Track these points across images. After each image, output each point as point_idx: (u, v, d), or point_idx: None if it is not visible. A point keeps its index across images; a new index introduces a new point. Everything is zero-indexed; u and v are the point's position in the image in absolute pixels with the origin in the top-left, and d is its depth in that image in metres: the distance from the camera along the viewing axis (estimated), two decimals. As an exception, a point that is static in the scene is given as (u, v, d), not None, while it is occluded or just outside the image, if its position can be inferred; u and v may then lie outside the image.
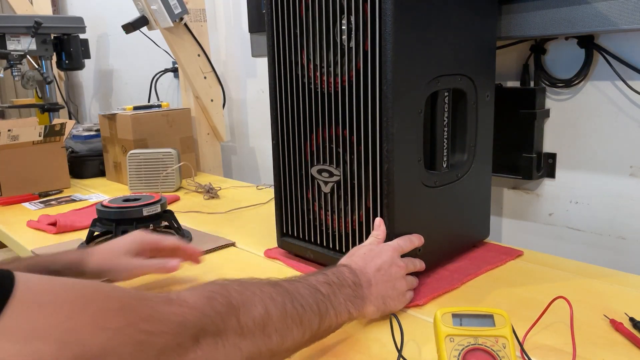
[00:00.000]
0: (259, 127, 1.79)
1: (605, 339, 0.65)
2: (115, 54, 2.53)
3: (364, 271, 0.69)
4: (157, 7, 1.52)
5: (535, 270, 0.86)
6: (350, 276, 0.67)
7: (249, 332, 0.52)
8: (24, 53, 2.03)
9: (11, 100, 2.77)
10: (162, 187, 1.47)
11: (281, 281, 0.60)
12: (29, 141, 1.47)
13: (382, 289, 0.69)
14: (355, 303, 0.65)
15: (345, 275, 0.67)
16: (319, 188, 0.86)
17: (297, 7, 0.82)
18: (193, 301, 0.49)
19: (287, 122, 0.89)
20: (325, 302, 0.61)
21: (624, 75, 0.92)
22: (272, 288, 0.57)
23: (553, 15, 0.90)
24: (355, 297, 0.66)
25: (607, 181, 0.98)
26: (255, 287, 0.56)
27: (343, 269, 0.68)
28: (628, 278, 0.82)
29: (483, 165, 0.92)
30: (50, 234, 1.14)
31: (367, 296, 0.67)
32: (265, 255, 0.97)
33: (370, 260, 0.71)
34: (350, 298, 0.65)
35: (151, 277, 0.86)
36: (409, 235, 0.78)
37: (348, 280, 0.66)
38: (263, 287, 0.57)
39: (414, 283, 0.76)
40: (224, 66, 1.86)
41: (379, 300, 0.69)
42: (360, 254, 0.72)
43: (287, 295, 0.58)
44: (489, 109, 0.91)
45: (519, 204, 1.11)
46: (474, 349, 0.54)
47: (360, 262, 0.70)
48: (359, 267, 0.69)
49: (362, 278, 0.68)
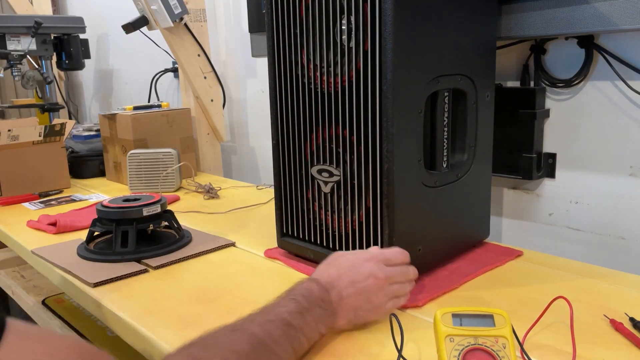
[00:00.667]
0: (259, 127, 1.79)
1: (605, 339, 0.65)
2: (115, 54, 2.53)
3: (334, 284, 0.67)
4: (157, 7, 1.52)
5: (535, 270, 0.86)
6: (319, 294, 0.66)
7: None
8: (24, 53, 2.03)
9: (11, 100, 2.77)
10: (162, 187, 1.47)
11: (253, 327, 0.59)
12: (29, 141, 1.47)
13: (354, 302, 0.67)
14: (326, 321, 0.65)
15: (315, 294, 0.65)
16: (319, 188, 0.86)
17: (297, 7, 0.82)
18: None
19: (287, 122, 0.89)
20: (298, 336, 0.61)
21: (624, 75, 0.92)
22: (246, 345, 0.56)
23: (553, 15, 0.90)
24: (325, 315, 0.65)
25: (607, 181, 0.98)
26: (226, 351, 0.55)
27: (312, 286, 0.66)
28: (628, 278, 0.82)
29: (483, 165, 0.92)
30: (50, 234, 1.14)
31: (337, 311, 0.66)
32: (265, 255, 0.97)
33: (345, 272, 0.69)
34: (320, 318, 0.64)
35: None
36: (400, 250, 0.74)
37: (317, 300, 0.65)
38: (236, 346, 0.56)
39: (400, 291, 0.71)
40: (224, 66, 1.86)
41: (350, 314, 0.68)
42: (338, 264, 0.71)
43: (262, 349, 0.57)
44: (489, 109, 0.91)
45: (519, 204, 1.11)
46: (474, 349, 0.54)
47: (333, 274, 0.69)
48: (330, 281, 0.68)
49: (331, 293, 0.67)
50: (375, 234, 0.79)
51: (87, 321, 1.19)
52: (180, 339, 0.68)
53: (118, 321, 0.77)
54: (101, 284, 0.86)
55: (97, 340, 1.10)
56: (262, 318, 0.60)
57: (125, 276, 0.89)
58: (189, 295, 0.81)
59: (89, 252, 0.98)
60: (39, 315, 1.33)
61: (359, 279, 0.68)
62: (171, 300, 0.80)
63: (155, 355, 0.69)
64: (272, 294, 0.81)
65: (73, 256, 0.98)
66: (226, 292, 0.82)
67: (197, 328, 0.71)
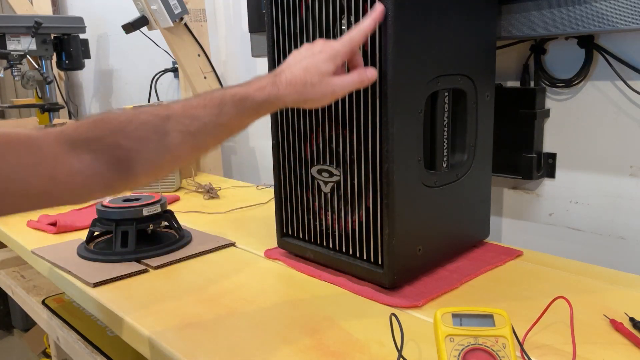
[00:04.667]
0: (259, 127, 1.79)
1: (605, 339, 0.65)
2: (115, 54, 2.53)
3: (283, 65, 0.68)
4: (157, 7, 1.52)
5: (535, 270, 0.86)
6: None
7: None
8: (24, 53, 2.03)
9: (11, 100, 2.77)
10: (162, 187, 1.47)
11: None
12: (29, 141, 1.46)
13: (297, 71, 0.66)
14: (266, 77, 0.65)
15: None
16: (319, 188, 0.86)
17: (297, 7, 0.82)
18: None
19: (287, 122, 0.89)
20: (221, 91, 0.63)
21: (624, 75, 0.92)
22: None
23: (553, 15, 0.90)
24: (263, 79, 0.65)
25: (607, 181, 0.98)
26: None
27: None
28: (628, 278, 0.82)
29: (483, 165, 0.92)
30: (50, 234, 1.14)
31: (282, 69, 0.66)
32: (265, 255, 0.97)
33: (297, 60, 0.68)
34: (260, 78, 0.65)
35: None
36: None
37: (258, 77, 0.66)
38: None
39: (339, 47, 0.68)
40: (224, 66, 1.86)
41: (298, 68, 0.66)
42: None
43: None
44: (489, 109, 0.91)
45: (519, 204, 1.11)
46: (474, 349, 0.54)
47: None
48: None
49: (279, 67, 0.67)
50: (375, 234, 0.79)
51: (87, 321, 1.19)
52: (180, 339, 0.69)
53: (118, 321, 0.77)
54: (101, 284, 0.86)
55: (97, 340, 1.10)
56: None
57: (125, 276, 0.89)
58: (189, 295, 0.81)
59: (89, 252, 0.98)
60: (39, 315, 1.33)
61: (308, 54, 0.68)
62: (171, 300, 0.80)
63: (156, 355, 0.70)
64: (272, 294, 0.81)
65: (73, 256, 0.98)
66: (226, 292, 0.82)
67: (197, 328, 0.71)
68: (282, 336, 0.68)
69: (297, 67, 0.66)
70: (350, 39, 0.68)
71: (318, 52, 0.67)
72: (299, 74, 0.65)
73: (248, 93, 0.63)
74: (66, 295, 1.37)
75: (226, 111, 0.62)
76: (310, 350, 0.64)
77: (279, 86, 0.65)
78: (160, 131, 0.60)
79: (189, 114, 0.61)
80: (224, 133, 0.64)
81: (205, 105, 0.62)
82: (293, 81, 0.65)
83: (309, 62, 0.66)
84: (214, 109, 0.62)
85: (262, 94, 0.64)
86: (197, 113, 0.61)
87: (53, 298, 1.38)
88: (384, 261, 0.78)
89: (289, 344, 0.66)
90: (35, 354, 1.95)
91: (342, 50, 0.68)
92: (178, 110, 0.61)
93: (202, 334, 0.70)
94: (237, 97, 0.63)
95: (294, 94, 0.65)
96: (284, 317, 0.73)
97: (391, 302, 0.76)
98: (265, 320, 0.73)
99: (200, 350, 0.66)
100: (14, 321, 2.28)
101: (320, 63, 0.66)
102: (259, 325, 0.71)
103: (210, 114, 0.62)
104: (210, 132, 0.62)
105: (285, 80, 0.65)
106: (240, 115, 0.64)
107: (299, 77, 0.65)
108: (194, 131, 0.61)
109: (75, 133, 0.57)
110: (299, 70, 0.66)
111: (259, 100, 0.64)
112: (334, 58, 0.67)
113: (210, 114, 0.62)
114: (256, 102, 0.64)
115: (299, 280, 0.85)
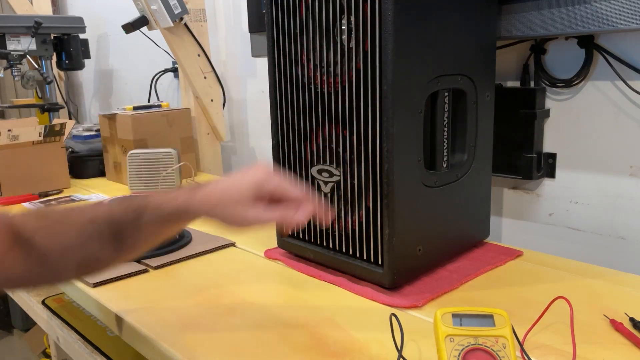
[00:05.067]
0: (259, 127, 1.79)
1: (605, 339, 0.65)
2: (115, 54, 2.52)
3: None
4: (157, 7, 1.52)
5: (535, 270, 0.86)
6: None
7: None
8: (24, 53, 2.03)
9: (11, 100, 2.77)
10: (162, 187, 1.47)
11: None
12: (29, 141, 1.46)
13: (215, 191, 0.65)
14: (188, 189, 0.66)
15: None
16: (319, 188, 0.86)
17: (297, 7, 0.82)
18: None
19: (287, 122, 0.89)
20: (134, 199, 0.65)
21: (624, 75, 0.92)
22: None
23: (553, 15, 0.90)
24: (182, 192, 0.66)
25: (607, 181, 0.98)
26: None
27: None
28: (628, 278, 0.82)
29: (483, 165, 0.92)
30: (50, 234, 1.14)
31: (208, 184, 0.66)
32: (265, 255, 0.97)
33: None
34: (182, 189, 0.67)
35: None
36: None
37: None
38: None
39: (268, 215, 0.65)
40: (224, 66, 1.86)
41: (220, 186, 0.65)
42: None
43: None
44: (489, 109, 0.91)
45: (519, 204, 1.11)
46: (474, 349, 0.54)
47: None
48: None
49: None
50: (375, 234, 0.79)
51: (87, 321, 1.19)
52: (180, 339, 0.69)
53: (118, 321, 0.77)
54: (101, 284, 0.86)
55: (97, 340, 1.10)
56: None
57: (125, 276, 0.89)
58: (189, 295, 0.81)
59: (89, 252, 0.98)
60: (39, 315, 1.33)
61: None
62: (171, 300, 0.80)
63: (156, 355, 0.69)
64: (272, 294, 0.81)
65: (73, 256, 0.98)
66: (226, 292, 0.82)
67: (197, 328, 0.71)
68: (282, 336, 0.68)
69: (221, 185, 0.66)
70: (284, 188, 0.66)
71: (249, 176, 0.66)
72: (216, 192, 0.65)
73: (162, 202, 0.65)
74: (66, 295, 1.37)
75: (146, 219, 0.64)
76: (310, 350, 0.64)
77: (192, 199, 0.65)
78: (86, 234, 0.63)
79: (110, 218, 0.64)
80: (146, 239, 0.66)
81: (126, 208, 0.64)
82: (207, 197, 0.65)
83: (232, 184, 0.66)
84: (134, 214, 0.64)
85: (175, 203, 0.65)
86: (117, 218, 0.64)
87: (53, 298, 1.38)
88: (384, 261, 0.78)
89: (289, 344, 0.66)
90: (35, 354, 1.95)
91: (271, 183, 0.66)
92: (104, 212, 0.65)
93: (202, 334, 0.70)
94: (151, 206, 0.64)
95: (207, 209, 0.65)
96: (284, 317, 0.73)
97: (391, 302, 0.76)
98: (265, 320, 0.73)
99: (200, 350, 0.66)
100: (14, 321, 2.28)
101: (243, 188, 0.65)
102: (259, 325, 0.71)
103: (130, 220, 0.64)
104: (131, 235, 0.64)
105: (202, 194, 0.65)
106: (154, 223, 0.65)
107: (215, 195, 0.65)
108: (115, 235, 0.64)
109: (21, 226, 0.62)
110: (219, 188, 0.66)
111: (170, 209, 0.65)
112: (259, 187, 0.65)
113: (130, 220, 0.64)
114: (166, 211, 0.65)
115: (299, 280, 0.86)
